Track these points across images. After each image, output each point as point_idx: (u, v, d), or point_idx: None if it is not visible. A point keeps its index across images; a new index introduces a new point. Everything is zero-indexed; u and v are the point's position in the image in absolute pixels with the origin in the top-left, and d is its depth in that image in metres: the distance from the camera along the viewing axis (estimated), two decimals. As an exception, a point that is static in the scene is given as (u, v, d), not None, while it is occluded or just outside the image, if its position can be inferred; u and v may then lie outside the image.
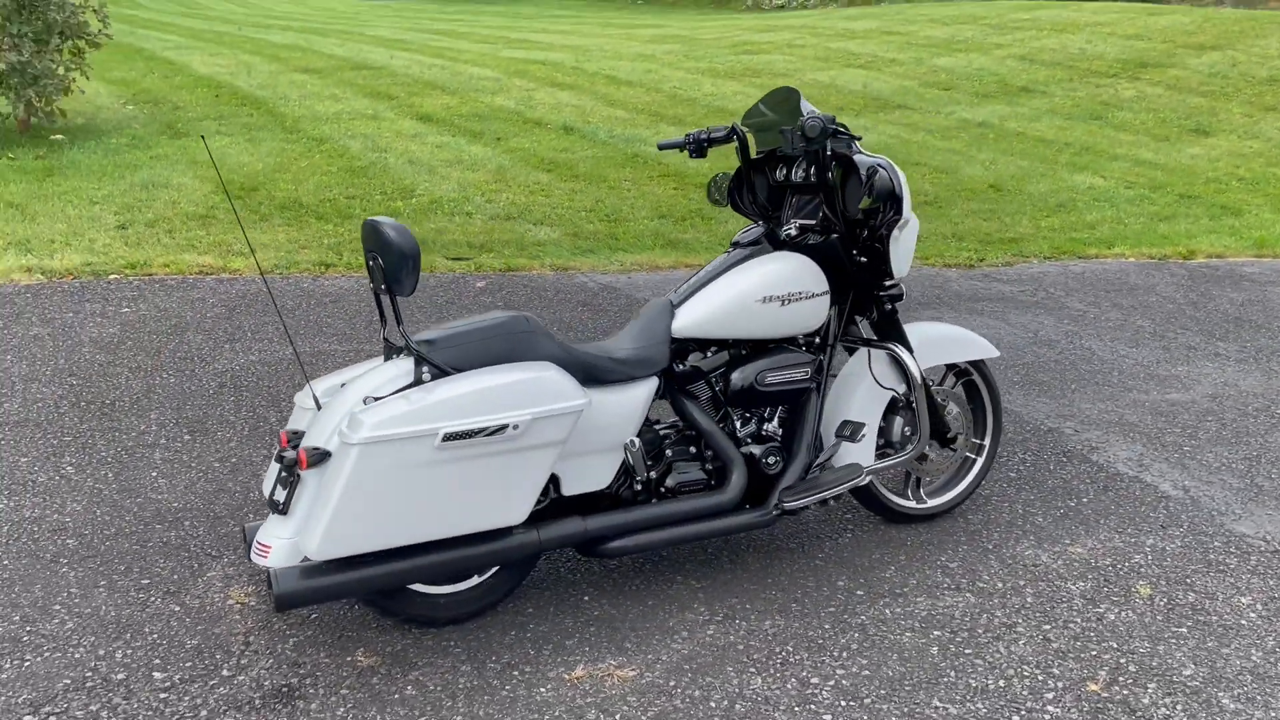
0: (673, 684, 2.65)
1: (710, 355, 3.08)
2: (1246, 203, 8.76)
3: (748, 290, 3.01)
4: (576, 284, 6.06)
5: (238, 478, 3.61)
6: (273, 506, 2.61)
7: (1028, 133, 10.89)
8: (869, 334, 3.33)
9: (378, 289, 2.69)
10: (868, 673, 2.72)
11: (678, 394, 3.05)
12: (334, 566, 2.53)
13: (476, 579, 2.85)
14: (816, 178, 3.07)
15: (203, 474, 3.64)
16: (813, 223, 3.16)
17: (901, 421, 3.33)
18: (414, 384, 2.64)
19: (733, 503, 2.98)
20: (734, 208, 3.39)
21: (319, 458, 2.52)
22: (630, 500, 2.95)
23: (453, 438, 2.49)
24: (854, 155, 3.02)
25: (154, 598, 2.93)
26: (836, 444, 3.17)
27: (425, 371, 2.65)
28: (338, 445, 2.49)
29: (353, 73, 12.97)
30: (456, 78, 12.73)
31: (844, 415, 3.22)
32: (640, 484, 2.94)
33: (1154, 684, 2.69)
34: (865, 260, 3.14)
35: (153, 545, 3.19)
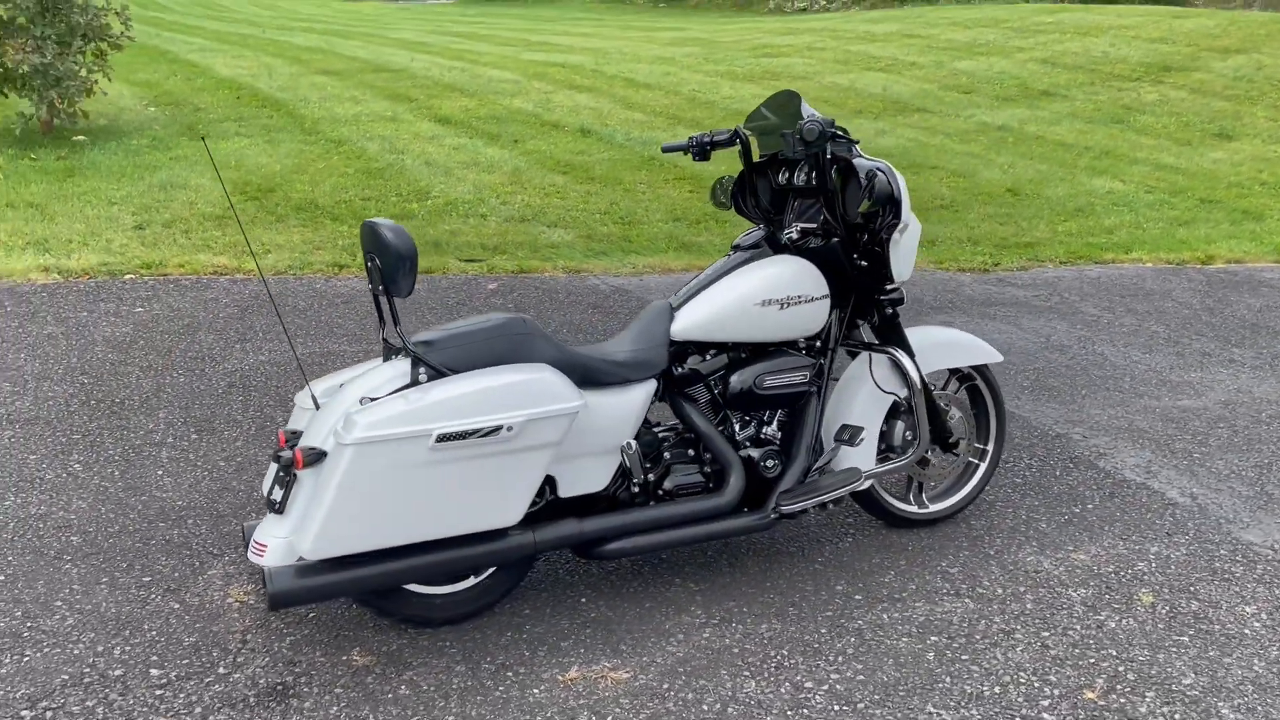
0: (666, 686, 2.65)
1: (709, 358, 3.07)
2: (1269, 207, 8.67)
3: (747, 293, 3.01)
4: (588, 286, 6.07)
5: (242, 477, 3.64)
6: (270, 506, 2.63)
7: (1047, 136, 10.82)
8: (870, 338, 3.32)
9: (376, 290, 2.71)
10: (862, 678, 2.70)
11: (677, 397, 3.05)
12: (328, 566, 2.55)
13: (473, 580, 2.86)
14: (816, 181, 3.07)
15: (208, 472, 3.67)
16: (814, 226, 3.15)
17: (903, 426, 3.31)
18: (411, 385, 2.65)
19: (730, 506, 2.98)
20: (737, 211, 3.39)
21: (315, 457, 2.54)
22: (628, 502, 2.95)
23: (447, 438, 2.50)
24: (853, 159, 3.01)
25: (154, 595, 2.95)
26: (835, 448, 3.16)
27: (422, 372, 2.66)
28: (333, 445, 2.51)
29: (373, 75, 13.05)
30: (476, 80, 12.78)
31: (845, 419, 3.21)
32: (638, 486, 2.94)
33: (1152, 693, 2.67)
34: (866, 264, 3.13)
35: (155, 543, 3.22)
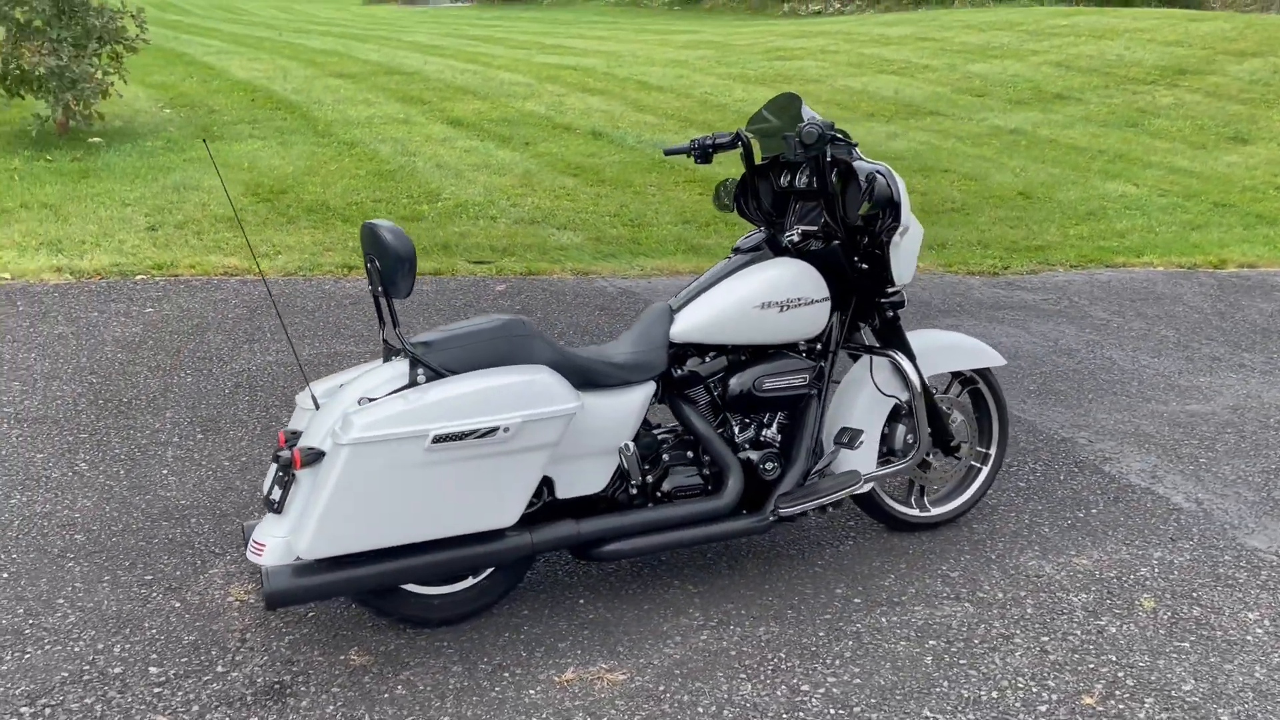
0: (662, 689, 2.65)
1: (709, 360, 3.07)
2: (1283, 212, 8.61)
3: (747, 296, 3.01)
4: (596, 288, 6.08)
5: (246, 476, 3.66)
6: (268, 505, 2.64)
7: (1060, 140, 10.78)
8: (872, 341, 3.31)
9: (375, 291, 2.72)
10: (859, 681, 2.70)
11: (676, 399, 3.06)
12: (325, 566, 2.56)
13: (471, 580, 2.87)
14: (817, 184, 3.06)
15: (212, 472, 3.69)
16: (815, 229, 3.15)
17: (904, 429, 3.30)
18: (409, 386, 2.66)
19: (728, 508, 2.98)
20: (740, 213, 3.39)
21: (313, 457, 2.55)
22: (626, 504, 2.95)
23: (443, 439, 2.51)
24: (853, 162, 3.00)
25: (156, 593, 2.97)
26: (835, 451, 3.15)
27: (420, 373, 2.67)
28: (330, 446, 2.52)
29: (386, 77, 13.10)
30: (489, 83, 12.81)
31: (845, 422, 3.20)
32: (636, 488, 2.94)
33: (1151, 699, 2.66)
34: (866, 267, 3.12)
35: (158, 542, 3.24)
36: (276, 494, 2.62)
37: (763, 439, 3.13)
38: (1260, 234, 7.97)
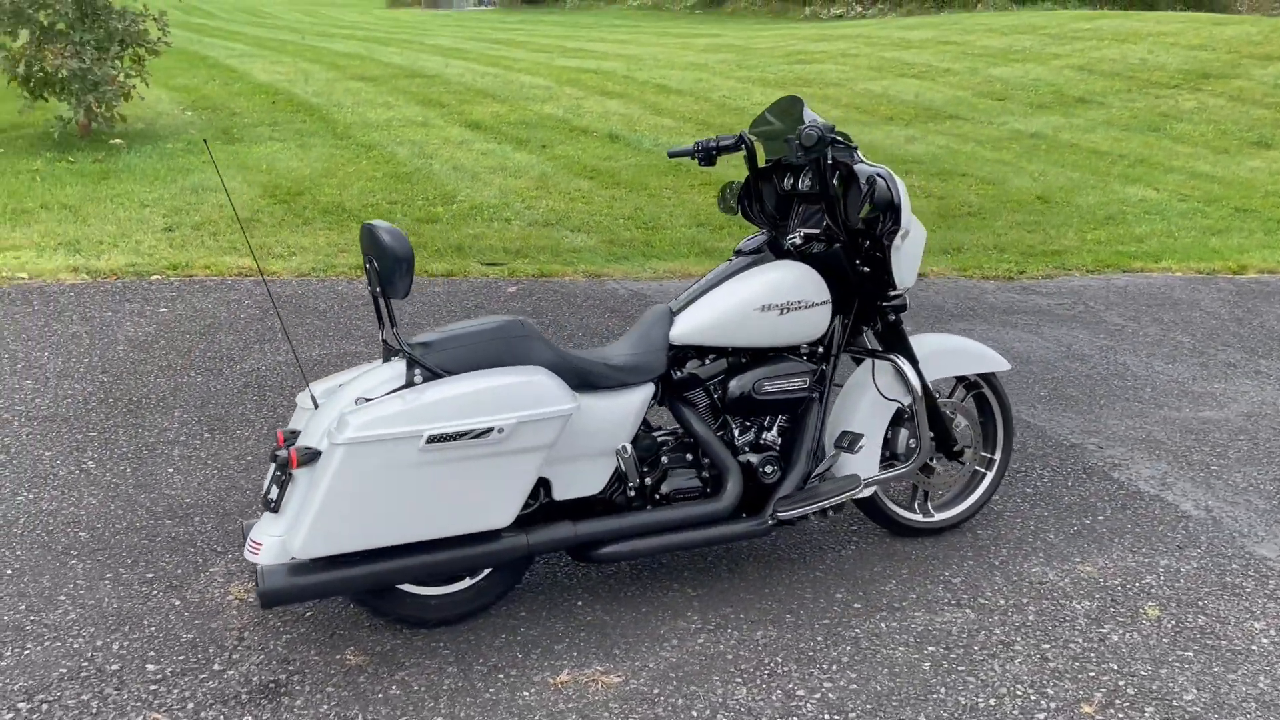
0: (656, 692, 2.64)
1: (709, 363, 3.06)
2: (1306, 217, 8.51)
3: (747, 299, 3.00)
4: (607, 290, 6.08)
5: (251, 476, 3.68)
6: (266, 504, 2.65)
7: (1081, 144, 10.69)
8: (874, 344, 3.30)
9: (374, 291, 2.73)
10: (855, 687, 2.68)
11: (676, 401, 3.05)
12: (321, 565, 2.56)
13: (468, 581, 2.87)
14: (818, 186, 3.05)
15: (217, 471, 3.71)
16: (817, 231, 3.14)
17: (906, 433, 3.28)
18: (406, 386, 2.67)
19: (727, 511, 2.97)
20: (744, 216, 3.38)
21: (309, 457, 2.56)
22: (624, 506, 2.95)
23: (437, 439, 2.52)
24: (854, 164, 2.99)
25: (156, 591, 2.99)
26: (835, 455, 3.14)
27: (417, 374, 2.67)
28: (326, 445, 2.53)
29: (407, 80, 13.16)
30: (508, 86, 12.85)
31: (847, 426, 3.18)
32: (634, 490, 2.94)
33: (1152, 708, 2.63)
34: (868, 270, 3.11)
35: (161, 540, 3.26)
36: (274, 493, 2.63)
37: (763, 442, 3.12)
38: (1282, 239, 7.88)
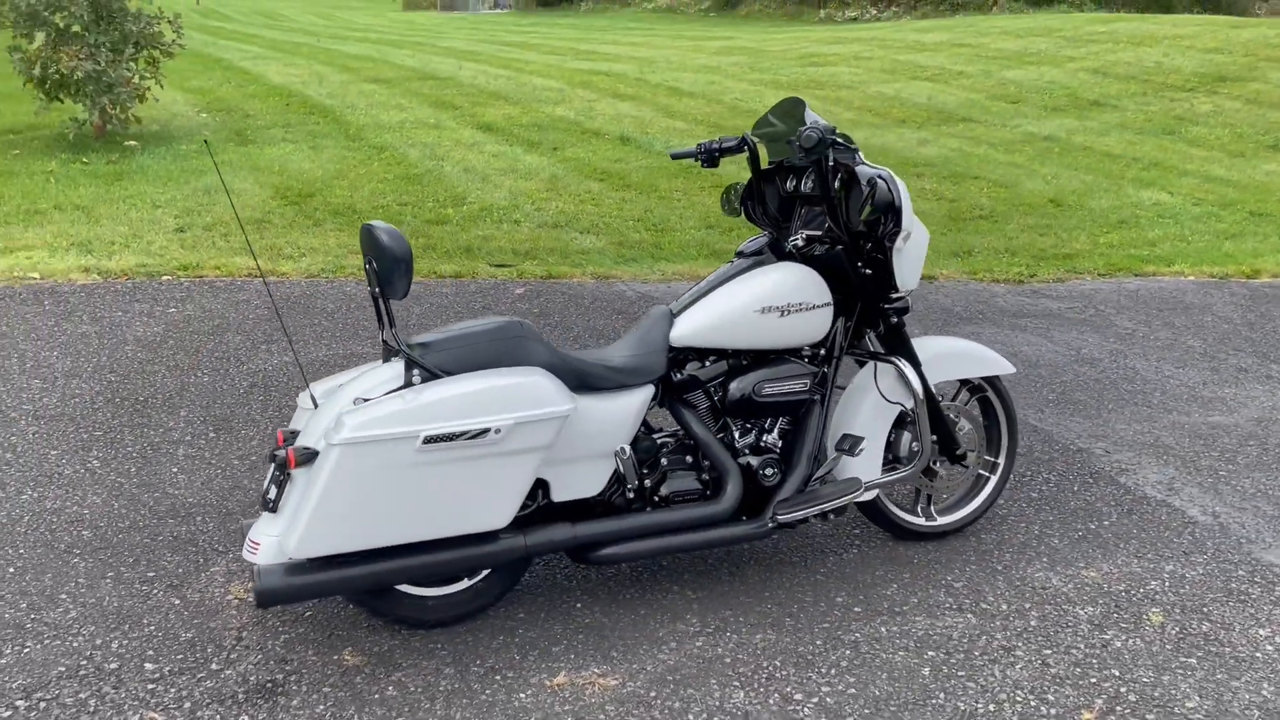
0: (653, 694, 2.63)
1: (709, 364, 3.05)
2: (1322, 221, 8.43)
3: (748, 300, 2.99)
4: (615, 292, 6.07)
5: (254, 476, 3.69)
6: (264, 504, 2.65)
7: (1095, 147, 10.63)
8: (877, 347, 3.28)
9: (373, 292, 2.73)
10: (854, 691, 2.67)
11: (676, 403, 3.04)
12: (317, 565, 2.57)
13: (467, 582, 2.86)
14: (819, 188, 3.04)
15: (221, 470, 3.72)
16: (819, 233, 3.12)
17: (909, 437, 3.26)
18: (405, 386, 2.67)
19: (726, 514, 2.96)
20: (747, 217, 3.37)
21: (307, 457, 2.56)
22: (623, 508, 2.94)
23: (434, 440, 2.52)
24: (855, 166, 2.98)
25: (157, 590, 3.00)
26: (836, 457, 3.12)
27: (415, 374, 2.67)
28: (323, 445, 2.53)
29: (420, 83, 13.20)
30: (521, 88, 12.87)
31: (849, 429, 3.17)
32: (632, 492, 2.93)
33: (1153, 715, 2.60)
34: (870, 272, 3.09)
35: (163, 539, 3.27)
36: (272, 493, 2.63)
37: (763, 444, 3.11)
38: (1297, 243, 7.81)
